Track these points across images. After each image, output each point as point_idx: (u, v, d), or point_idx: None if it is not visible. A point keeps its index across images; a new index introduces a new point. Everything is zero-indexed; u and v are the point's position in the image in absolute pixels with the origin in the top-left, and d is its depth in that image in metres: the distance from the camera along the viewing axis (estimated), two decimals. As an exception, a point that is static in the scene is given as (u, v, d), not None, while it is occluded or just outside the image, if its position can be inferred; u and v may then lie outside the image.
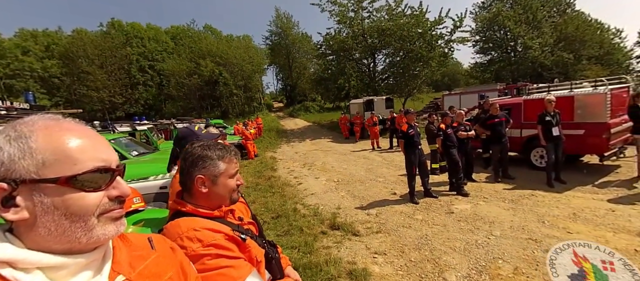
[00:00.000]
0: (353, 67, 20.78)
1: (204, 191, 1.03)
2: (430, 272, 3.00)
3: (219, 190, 1.05)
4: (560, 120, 5.36)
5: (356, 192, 6.06)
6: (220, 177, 1.04)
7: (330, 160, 10.03)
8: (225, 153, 1.07)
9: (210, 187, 1.04)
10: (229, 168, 1.06)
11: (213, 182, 1.04)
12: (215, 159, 1.05)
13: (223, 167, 1.05)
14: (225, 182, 1.05)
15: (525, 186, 5.40)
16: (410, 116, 5.48)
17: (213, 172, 1.04)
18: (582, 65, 28.76)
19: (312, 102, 35.81)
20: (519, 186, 5.46)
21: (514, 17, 28.32)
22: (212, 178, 1.04)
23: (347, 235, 3.99)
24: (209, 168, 1.03)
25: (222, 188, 1.05)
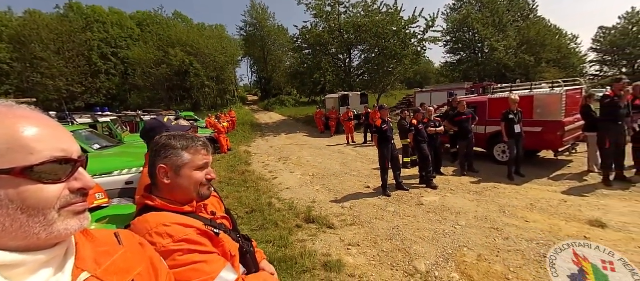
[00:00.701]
0: (329, 62, 20.84)
1: (166, 182, 0.98)
2: (401, 261, 3.13)
3: (182, 182, 0.99)
4: (522, 118, 5.70)
5: (331, 186, 6.12)
6: (184, 168, 0.99)
7: (306, 155, 10.04)
8: (191, 144, 1.02)
9: (173, 178, 0.98)
10: (195, 160, 1.01)
11: (176, 172, 0.98)
12: (178, 149, 0.99)
13: (187, 158, 0.99)
14: (190, 174, 0.99)
15: (489, 179, 5.75)
16: (384, 112, 5.63)
17: (176, 162, 0.98)
18: (542, 67, 31.03)
19: (287, 96, 35.52)
20: (483, 179, 5.81)
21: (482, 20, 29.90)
22: (175, 169, 0.98)
23: (322, 228, 4.03)
24: (171, 158, 0.98)
25: (186, 180, 0.99)
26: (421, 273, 2.89)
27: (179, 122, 2.09)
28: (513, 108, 5.67)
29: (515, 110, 5.68)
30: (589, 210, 4.03)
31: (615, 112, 4.81)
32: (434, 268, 2.95)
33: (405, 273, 2.92)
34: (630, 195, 4.46)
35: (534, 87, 7.43)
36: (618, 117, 4.81)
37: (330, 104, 16.47)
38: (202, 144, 1.05)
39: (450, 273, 2.85)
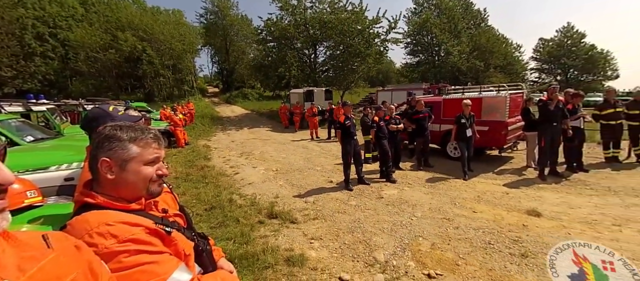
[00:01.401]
0: (294, 56, 20.63)
1: (110, 177, 0.89)
2: (361, 252, 3.22)
3: (128, 177, 0.90)
4: (474, 121, 6.05)
5: (295, 181, 6.10)
6: (131, 162, 0.90)
7: (269, 149, 9.88)
8: (140, 136, 0.93)
9: (117, 173, 0.89)
10: (144, 153, 0.92)
11: (121, 167, 0.89)
12: (125, 140, 0.90)
13: (135, 151, 0.91)
14: (138, 169, 0.91)
15: (442, 173, 6.16)
16: (347, 108, 5.73)
17: (121, 156, 0.89)
18: (490, 72, 33.95)
19: (250, 89, 34.54)
20: (437, 173, 6.21)
21: (440, 25, 31.89)
22: (120, 163, 0.89)
23: (285, 223, 4.01)
24: (116, 151, 0.89)
25: (133, 176, 0.91)
26: (380, 263, 3.01)
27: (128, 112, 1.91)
28: (465, 112, 5.95)
29: (467, 115, 5.96)
30: (527, 201, 4.52)
31: (550, 114, 5.43)
32: (392, 258, 3.09)
33: (366, 264, 3.01)
34: (562, 187, 5.09)
35: (482, 90, 8.08)
36: (553, 119, 5.43)
37: (294, 99, 16.37)
38: (153, 136, 0.96)
39: (406, 262, 3.01)
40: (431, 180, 5.84)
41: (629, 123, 6.22)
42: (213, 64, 45.31)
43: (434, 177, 5.99)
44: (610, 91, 6.61)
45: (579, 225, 3.62)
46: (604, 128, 6.36)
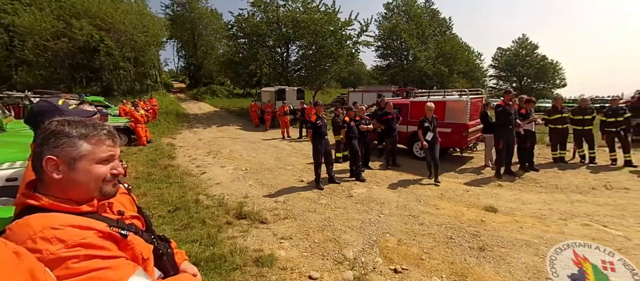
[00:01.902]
0: (266, 54, 20.32)
1: (56, 177, 0.81)
2: (331, 250, 3.25)
3: (78, 177, 0.83)
4: (436, 125, 5.96)
5: (265, 180, 6.01)
6: (81, 160, 0.83)
7: (239, 148, 9.64)
8: (92, 132, 0.86)
9: (65, 172, 0.81)
10: (96, 151, 0.85)
11: (70, 166, 0.82)
12: (74, 137, 0.83)
13: (86, 149, 0.84)
14: (89, 168, 0.84)
15: (409, 172, 6.41)
16: (319, 108, 5.75)
17: (70, 154, 0.82)
18: (454, 77, 35.98)
19: (220, 86, 33.44)
20: (404, 172, 6.45)
21: (409, 31, 33.18)
22: (69, 162, 0.82)
23: (254, 224, 3.93)
24: (63, 148, 0.81)
25: (84, 176, 0.83)
26: (349, 260, 3.06)
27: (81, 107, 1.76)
28: (428, 115, 5.89)
29: (429, 118, 5.90)
30: (485, 198, 4.84)
31: (506, 118, 5.87)
32: (361, 255, 3.16)
33: (335, 261, 3.05)
34: (515, 185, 5.52)
35: (446, 94, 8.53)
36: (508, 122, 5.88)
37: (266, 97, 16.12)
38: (107, 133, 0.89)
39: (374, 258, 3.09)
40: (398, 178, 6.04)
41: (573, 127, 6.93)
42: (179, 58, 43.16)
43: (401, 176, 6.21)
44: (558, 98, 7.33)
45: (531, 220, 3.95)
46: (552, 131, 7.04)
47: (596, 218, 3.93)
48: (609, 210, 4.20)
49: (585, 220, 3.91)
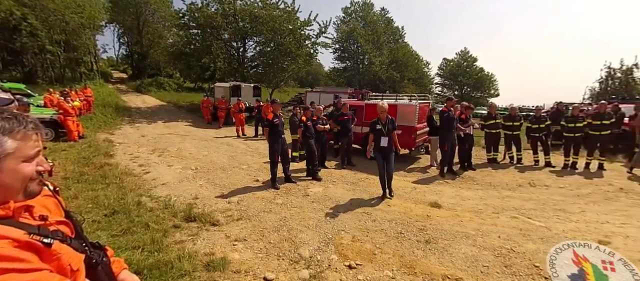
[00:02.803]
0: (221, 47, 19.35)
1: None
2: (287, 250, 3.21)
3: (2, 178, 0.71)
4: (393, 129, 4.86)
5: (217, 180, 5.73)
6: (6, 159, 0.71)
7: (188, 146, 9.05)
8: (17, 126, 0.74)
9: None
10: (23, 148, 0.74)
11: None
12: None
13: (11, 146, 0.72)
14: (15, 168, 0.73)
15: (363, 171, 6.64)
16: (276, 106, 5.66)
17: None
18: (404, 83, 38.24)
19: (168, 78, 31.05)
20: (359, 171, 6.66)
21: (365, 36, 34.51)
22: None
23: (205, 226, 3.71)
24: None
25: (9, 177, 0.72)
26: (305, 259, 3.06)
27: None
28: (381, 117, 4.82)
29: (383, 121, 4.80)
30: (430, 194, 5.22)
31: (449, 122, 6.42)
32: (316, 253, 3.18)
33: (291, 261, 3.02)
34: (456, 183, 6.05)
35: (397, 98, 9.04)
36: (451, 126, 6.43)
37: (219, 93, 15.40)
38: (34, 126, 0.78)
39: (330, 256, 3.13)
40: (353, 177, 6.23)
41: (504, 132, 7.86)
42: (121, 45, 39.03)
43: (356, 175, 6.40)
44: (492, 106, 8.25)
45: (469, 214, 4.36)
46: (487, 135, 7.93)
47: (522, 211, 4.49)
48: (533, 204, 4.83)
49: (513, 213, 4.44)
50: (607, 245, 3.35)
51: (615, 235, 3.63)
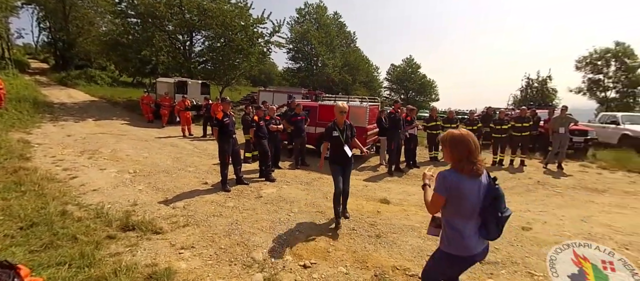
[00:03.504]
0: (164, 39, 17.87)
1: None
2: (239, 255, 3.09)
3: None
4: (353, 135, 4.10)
5: (160, 184, 5.28)
6: None
7: (125, 147, 8.19)
8: None
9: None
10: None
11: None
12: None
13: None
14: None
15: (317, 171, 6.71)
16: (226, 104, 5.43)
17: None
18: (356, 86, 39.67)
19: (100, 71, 27.75)
20: (313, 171, 6.72)
21: (318, 38, 34.99)
22: None
23: (146, 235, 3.39)
24: None
25: None
26: (259, 262, 2.98)
27: None
28: (339, 121, 3.89)
29: (341, 125, 3.88)
30: (380, 192, 5.49)
31: (396, 124, 6.84)
32: (270, 255, 3.12)
33: (244, 266, 2.91)
34: (402, 180, 6.47)
35: (349, 100, 9.36)
36: (398, 127, 6.86)
37: (163, 89, 14.24)
38: None
39: (284, 257, 3.09)
40: (307, 177, 6.26)
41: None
42: (41, 31, 33.62)
43: (310, 175, 6.45)
44: (433, 109, 9.02)
45: (414, 208, 4.69)
46: (429, 136, 8.65)
47: (457, 205, 4.98)
48: (465, 198, 5.38)
49: (450, 207, 4.89)
50: (528, 230, 3.90)
51: (535, 222, 4.23)
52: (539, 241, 3.57)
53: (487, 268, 3.00)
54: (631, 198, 5.53)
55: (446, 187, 1.74)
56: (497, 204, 1.71)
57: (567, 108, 8.05)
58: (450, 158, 1.81)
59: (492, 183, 1.76)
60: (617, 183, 6.49)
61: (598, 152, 9.36)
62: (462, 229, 1.76)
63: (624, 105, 26.86)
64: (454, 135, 1.80)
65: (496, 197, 1.72)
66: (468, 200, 1.72)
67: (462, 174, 1.73)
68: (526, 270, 2.96)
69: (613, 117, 11.66)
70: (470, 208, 1.74)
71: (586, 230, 3.94)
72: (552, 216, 4.48)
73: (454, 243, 1.78)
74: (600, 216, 4.55)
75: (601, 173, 7.45)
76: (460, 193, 1.72)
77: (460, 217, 1.77)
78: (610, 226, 4.09)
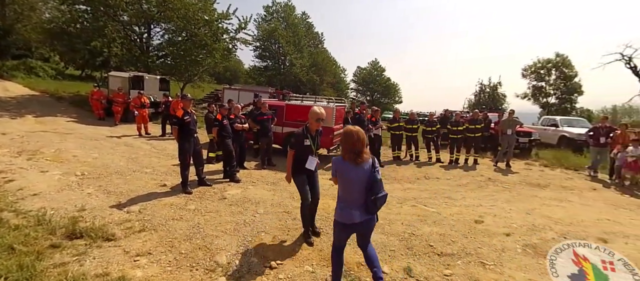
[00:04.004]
0: (118, 30, 16.51)
1: None
2: (201, 259, 2.96)
3: None
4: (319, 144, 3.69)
5: (112, 187, 4.88)
6: None
7: (71, 147, 7.45)
8: None
9: None
10: None
11: None
12: None
13: None
14: None
15: (283, 171, 6.59)
16: (186, 102, 5.17)
17: None
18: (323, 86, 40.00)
19: (42, 62, 24.94)
20: (279, 171, 6.65)
21: (286, 37, 34.67)
22: None
23: (96, 242, 3.11)
24: None
25: None
26: (222, 266, 2.88)
27: None
28: (312, 128, 3.43)
29: (314, 132, 3.45)
30: (345, 192, 5.58)
31: (361, 124, 7.02)
32: (235, 258, 3.03)
33: (206, 270, 2.79)
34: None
35: (316, 101, 9.42)
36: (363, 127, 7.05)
37: (116, 84, 13.19)
38: None
39: (249, 259, 3.02)
40: (274, 177, 6.18)
41: (406, 134, 9.02)
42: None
43: (276, 175, 6.37)
44: (396, 111, 9.42)
45: (377, 207, 4.84)
46: (392, 136, 9.00)
47: (420, 200, 5.25)
48: (428, 194, 5.69)
49: (413, 202, 5.14)
50: (480, 223, 4.22)
51: (487, 215, 4.59)
52: (490, 233, 3.88)
53: (444, 259, 3.20)
54: (568, 193, 6.23)
55: (334, 170, 2.37)
56: (374, 187, 2.20)
57: (513, 112, 8.89)
58: (341, 148, 2.37)
59: (372, 171, 2.23)
60: (556, 179, 7.27)
61: (540, 152, 10.43)
62: (345, 203, 2.33)
63: (562, 110, 30.32)
64: (345, 130, 2.33)
65: (374, 181, 2.21)
66: (350, 181, 2.27)
67: (345, 161, 2.28)
68: (479, 260, 3.20)
69: (553, 120, 13.11)
70: (351, 187, 2.27)
71: (530, 222, 4.36)
72: (501, 210, 4.89)
73: (340, 213, 2.35)
74: (542, 208, 5.06)
75: (543, 170, 8.29)
76: (344, 176, 2.30)
77: (345, 194, 2.34)
78: (551, 218, 4.57)
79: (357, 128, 2.32)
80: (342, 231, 2.43)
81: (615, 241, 3.78)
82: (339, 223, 2.38)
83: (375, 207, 2.23)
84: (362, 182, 2.23)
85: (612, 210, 5.18)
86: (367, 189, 2.22)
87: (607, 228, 4.21)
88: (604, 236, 3.88)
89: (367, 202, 2.23)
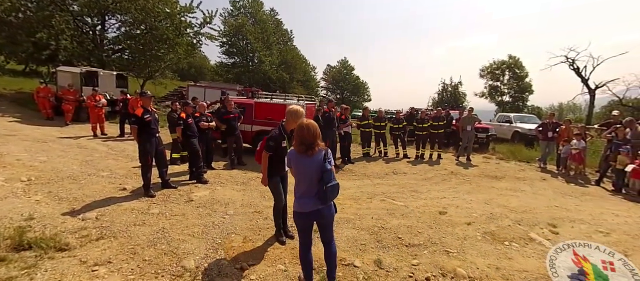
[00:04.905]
0: (67, 21, 15.05)
1: None
2: (167, 265, 2.82)
3: None
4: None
5: (64, 193, 4.47)
6: None
7: (15, 150, 6.70)
8: None
9: None
10: None
11: None
12: None
13: None
14: None
15: (254, 170, 6.53)
16: (146, 99, 4.87)
17: None
18: (293, 84, 39.78)
19: (-25, 57, 22.00)
20: (250, 171, 6.52)
21: (254, 34, 33.93)
22: None
23: (48, 253, 2.83)
24: None
25: None
26: (190, 270, 2.76)
27: None
28: (289, 127, 3.24)
29: (289, 131, 3.25)
30: (317, 189, 5.63)
31: (331, 122, 7.10)
32: (204, 262, 2.92)
33: (173, 276, 2.67)
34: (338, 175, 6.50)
35: (286, 98, 9.35)
36: (332, 125, 7.13)
37: (65, 80, 12.06)
38: None
39: (219, 261, 2.94)
40: (244, 177, 6.05)
41: (374, 131, 9.28)
42: None
43: (246, 174, 6.24)
44: (366, 109, 9.67)
45: (348, 201, 4.94)
46: (362, 133, 9.25)
47: (389, 195, 5.43)
48: (396, 189, 5.90)
49: (382, 197, 5.30)
50: (444, 214, 4.46)
51: (450, 206, 4.86)
52: (453, 223, 4.12)
53: (412, 250, 3.35)
54: (521, 183, 6.80)
55: (288, 160, 2.49)
56: (325, 177, 2.28)
57: (472, 109, 9.52)
58: (294, 141, 2.41)
59: (323, 162, 2.32)
60: (511, 171, 7.90)
61: (497, 146, 11.27)
62: (299, 193, 2.43)
63: (515, 107, 32.97)
64: (298, 124, 2.39)
65: (324, 171, 2.29)
66: (303, 173, 2.37)
67: (297, 153, 2.37)
68: (444, 249, 3.39)
69: (507, 117, 14.24)
70: (304, 178, 2.36)
71: (489, 211, 4.69)
72: (462, 201, 5.22)
73: (296, 203, 2.45)
74: (499, 198, 5.47)
75: (499, 163, 8.96)
76: (296, 167, 2.40)
77: (299, 184, 2.42)
78: (507, 207, 4.95)
79: (309, 122, 2.38)
80: (301, 222, 2.49)
81: (563, 225, 4.21)
82: (296, 213, 2.46)
83: (327, 196, 2.28)
84: (315, 173, 2.31)
85: (560, 198, 5.75)
86: (319, 179, 2.30)
87: (556, 214, 4.66)
88: (554, 221, 4.30)
89: (319, 191, 2.30)
